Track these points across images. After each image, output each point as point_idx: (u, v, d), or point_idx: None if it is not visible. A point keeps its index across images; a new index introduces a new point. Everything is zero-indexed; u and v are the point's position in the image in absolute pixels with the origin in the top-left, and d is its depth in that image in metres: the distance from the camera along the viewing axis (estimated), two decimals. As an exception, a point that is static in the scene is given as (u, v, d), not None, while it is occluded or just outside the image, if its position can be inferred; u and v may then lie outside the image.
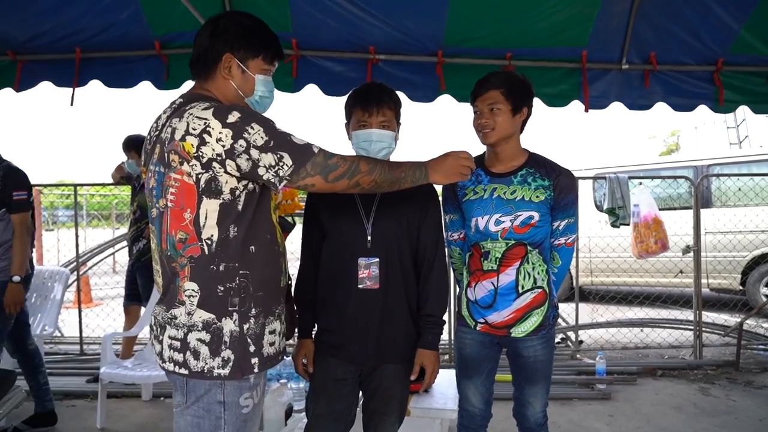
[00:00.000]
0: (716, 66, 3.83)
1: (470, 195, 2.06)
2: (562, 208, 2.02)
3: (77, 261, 5.68)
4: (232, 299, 1.46)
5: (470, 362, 2.11)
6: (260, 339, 1.50)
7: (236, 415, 1.50)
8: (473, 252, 2.08)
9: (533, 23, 3.55)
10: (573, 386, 4.13)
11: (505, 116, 1.98)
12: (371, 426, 2.00)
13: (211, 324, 1.45)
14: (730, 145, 12.67)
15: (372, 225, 1.90)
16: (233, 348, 1.46)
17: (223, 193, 1.43)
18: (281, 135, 1.43)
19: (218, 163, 1.39)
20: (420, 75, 3.79)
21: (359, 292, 1.88)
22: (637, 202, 5.00)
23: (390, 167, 1.55)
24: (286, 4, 3.44)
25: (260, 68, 1.57)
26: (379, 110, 1.90)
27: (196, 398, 1.48)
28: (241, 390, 1.50)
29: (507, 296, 2.00)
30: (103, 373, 3.37)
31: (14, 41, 3.64)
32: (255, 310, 1.49)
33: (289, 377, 3.01)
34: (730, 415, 3.60)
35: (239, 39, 1.53)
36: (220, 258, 1.44)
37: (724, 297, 7.00)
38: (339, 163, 1.47)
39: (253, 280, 1.48)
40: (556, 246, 2.06)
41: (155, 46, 3.66)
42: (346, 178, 1.47)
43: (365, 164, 1.50)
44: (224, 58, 1.52)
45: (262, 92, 1.59)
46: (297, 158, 1.43)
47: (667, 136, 24.57)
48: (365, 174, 1.50)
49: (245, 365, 1.48)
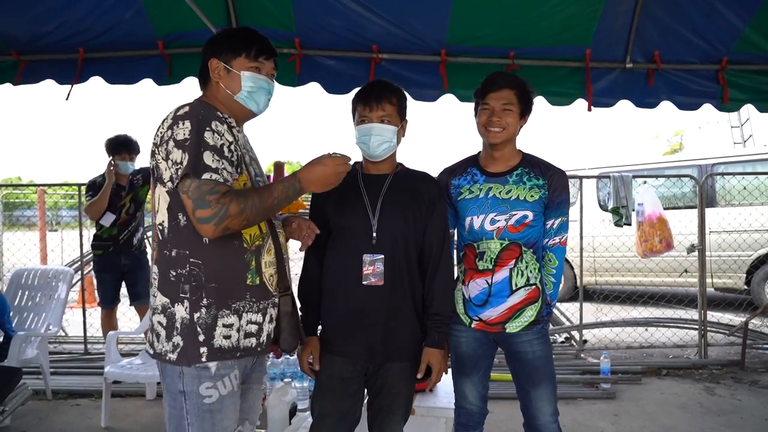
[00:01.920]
0: (720, 65, 3.81)
1: (465, 194, 2.05)
2: (556, 206, 2.02)
3: (81, 261, 5.69)
4: (183, 285, 1.52)
5: (467, 360, 2.10)
6: (211, 330, 1.52)
7: (198, 405, 1.53)
8: (466, 252, 2.07)
9: (537, 22, 3.54)
10: (577, 386, 4.11)
11: (515, 118, 1.98)
12: (376, 424, 1.99)
13: (167, 308, 1.53)
14: (734, 144, 12.61)
15: (378, 221, 1.90)
16: (183, 335, 1.51)
17: (165, 179, 1.52)
18: (200, 141, 1.46)
19: (157, 147, 1.52)
20: (423, 74, 3.79)
21: (363, 289, 1.88)
22: (641, 201, 4.98)
23: (261, 199, 1.52)
24: (289, 3, 3.45)
25: (245, 65, 1.64)
26: (378, 105, 1.90)
27: (165, 386, 1.57)
28: (200, 379, 1.52)
29: (501, 293, 2.00)
30: (108, 372, 3.38)
31: (18, 42, 3.66)
32: (207, 300, 1.52)
33: (293, 376, 3.00)
34: (736, 415, 3.59)
35: (221, 44, 1.67)
36: (172, 244, 1.53)
37: (729, 296, 6.98)
38: (211, 203, 1.44)
39: (206, 270, 1.52)
40: (550, 246, 2.04)
41: (158, 46, 3.67)
42: (212, 224, 1.44)
43: (235, 206, 1.46)
44: (211, 63, 1.65)
45: (249, 87, 1.64)
46: (189, 165, 1.45)
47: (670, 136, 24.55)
48: (234, 217, 1.47)
49: (192, 354, 1.51)
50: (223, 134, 1.53)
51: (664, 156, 12.34)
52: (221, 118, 1.57)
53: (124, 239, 4.12)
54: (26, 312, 4.04)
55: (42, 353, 3.81)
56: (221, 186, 1.46)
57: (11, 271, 4.57)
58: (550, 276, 2.05)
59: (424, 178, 2.03)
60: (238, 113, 1.67)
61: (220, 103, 1.65)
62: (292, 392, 2.72)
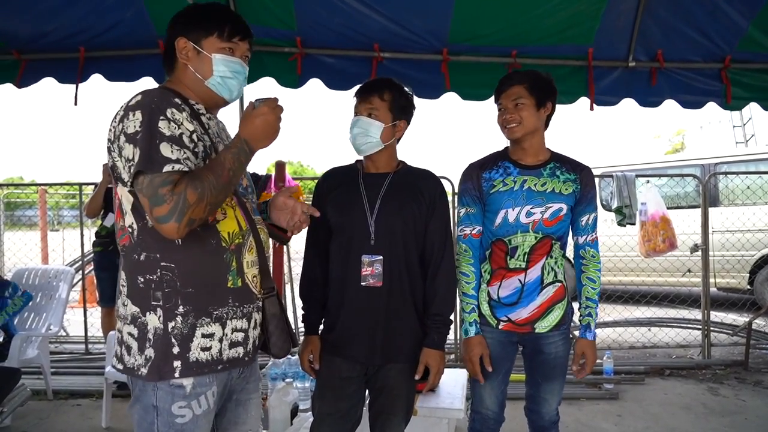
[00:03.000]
0: (724, 63, 3.80)
1: (499, 186, 2.02)
2: (588, 201, 2.04)
3: (82, 260, 5.69)
4: (155, 293, 1.36)
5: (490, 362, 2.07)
6: (188, 341, 1.37)
7: (169, 424, 1.38)
8: (494, 249, 2.04)
9: (539, 20, 3.53)
10: (580, 386, 4.10)
11: (529, 110, 1.98)
12: (377, 425, 1.97)
13: (137, 317, 1.38)
14: (737, 143, 12.58)
15: (375, 222, 1.87)
16: (155, 346, 1.36)
17: (124, 180, 1.35)
18: (152, 133, 1.29)
19: (111, 145, 1.36)
20: (425, 73, 3.77)
21: (362, 290, 1.86)
22: (644, 201, 4.96)
23: (216, 175, 1.33)
24: (290, 1, 3.43)
25: (216, 47, 1.47)
26: (367, 98, 1.89)
27: (136, 397, 1.42)
28: (174, 398, 1.37)
29: (532, 292, 2.00)
30: (109, 373, 3.37)
31: (19, 40, 3.64)
32: (183, 308, 1.37)
33: (295, 376, 2.99)
34: (740, 415, 3.57)
35: (189, 21, 1.48)
36: (142, 247, 1.38)
37: (733, 296, 6.95)
38: (166, 197, 1.26)
39: (181, 274, 1.37)
40: (590, 242, 2.05)
41: (159, 45, 3.65)
42: (173, 221, 1.27)
43: (192, 193, 1.28)
44: (178, 43, 1.47)
45: (222, 72, 1.47)
46: (141, 161, 1.28)
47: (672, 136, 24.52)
48: (195, 205, 1.28)
49: (164, 368, 1.36)
50: (181, 123, 1.35)
51: (666, 155, 12.31)
52: (179, 105, 1.38)
53: None
54: (27, 312, 4.03)
55: (43, 353, 3.80)
56: (173, 175, 1.28)
57: (12, 270, 4.56)
58: (597, 272, 2.03)
59: (426, 176, 2.00)
60: (208, 100, 1.51)
61: (187, 88, 1.48)
62: (293, 392, 2.71)
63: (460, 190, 2.12)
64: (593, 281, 2.04)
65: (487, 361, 2.02)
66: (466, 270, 2.05)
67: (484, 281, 2.08)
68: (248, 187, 1.62)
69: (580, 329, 2.04)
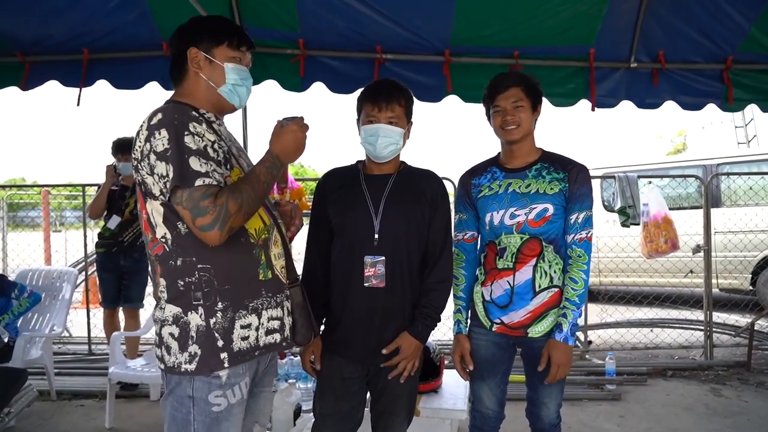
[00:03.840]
0: (725, 64, 3.81)
1: (485, 191, 2.05)
2: (578, 198, 1.97)
3: (86, 261, 5.71)
4: (195, 293, 1.47)
5: (485, 364, 2.08)
6: (229, 333, 1.48)
7: (206, 413, 1.48)
8: (487, 251, 2.06)
9: (541, 21, 3.54)
10: (583, 387, 4.10)
11: (527, 113, 1.99)
12: (380, 426, 1.99)
13: (179, 318, 1.47)
14: (738, 144, 12.55)
15: (380, 223, 1.88)
16: (200, 343, 1.46)
17: (155, 194, 1.45)
18: (181, 148, 1.39)
19: (140, 163, 1.45)
20: (427, 75, 3.79)
21: (365, 291, 1.87)
22: (646, 202, 4.95)
23: (253, 188, 1.46)
24: (293, 3, 3.45)
25: (227, 56, 1.57)
26: (387, 106, 1.89)
27: (170, 389, 1.51)
28: (210, 387, 1.48)
29: (524, 295, 1.98)
30: (112, 373, 3.38)
31: (22, 43, 3.67)
32: (222, 303, 1.47)
33: (298, 377, 3.00)
34: (742, 416, 3.56)
35: (199, 32, 1.57)
36: (177, 254, 1.47)
37: (735, 297, 6.94)
38: (209, 208, 1.38)
39: (217, 273, 1.48)
40: (577, 241, 1.96)
41: (163, 47, 3.68)
42: (216, 229, 1.39)
43: (233, 204, 1.40)
44: (190, 53, 1.56)
45: (234, 80, 1.57)
46: (176, 177, 1.39)
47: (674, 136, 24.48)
48: (235, 215, 1.41)
49: (213, 361, 1.46)
50: (203, 135, 1.45)
51: (667, 156, 12.30)
52: (197, 118, 1.49)
53: (129, 241, 4.12)
54: (31, 312, 4.05)
55: (46, 354, 3.81)
56: (213, 188, 1.40)
57: (16, 271, 4.57)
58: (581, 273, 1.95)
59: (427, 176, 2.02)
60: (218, 107, 1.60)
61: (197, 97, 1.57)
62: (296, 393, 2.72)
63: (455, 197, 2.18)
64: (575, 282, 1.95)
65: (468, 359, 2.06)
66: (457, 273, 2.11)
67: (479, 283, 2.10)
68: None
69: (553, 329, 1.97)
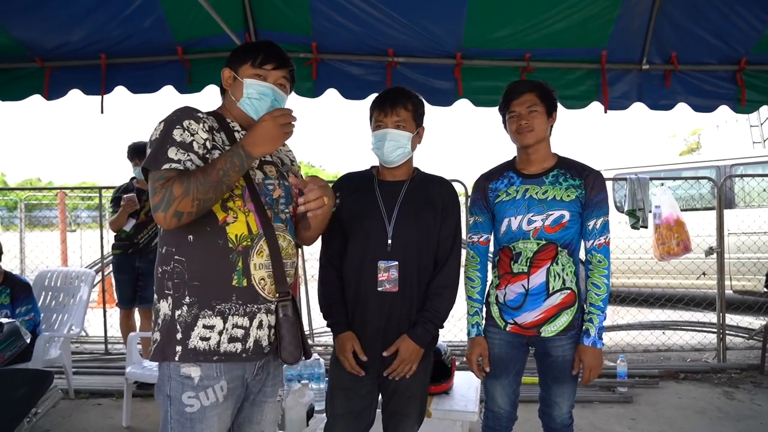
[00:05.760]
0: (739, 65, 3.78)
1: (503, 196, 2.08)
2: (595, 205, 2.02)
3: (102, 262, 5.79)
4: (167, 282, 1.54)
5: (498, 363, 2.12)
6: (190, 329, 1.51)
7: (180, 413, 1.52)
8: (501, 256, 2.10)
9: (552, 23, 3.54)
10: (594, 389, 4.09)
11: (542, 118, 2.02)
12: (391, 427, 2.02)
13: (154, 304, 1.58)
14: (754, 144, 12.40)
15: (393, 228, 1.92)
16: (162, 330, 1.54)
17: None
18: (166, 138, 1.50)
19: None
20: (438, 78, 3.81)
21: (378, 295, 1.90)
22: (658, 204, 4.93)
23: (204, 174, 1.45)
24: (306, 7, 3.48)
25: (250, 73, 1.66)
26: (393, 110, 1.93)
27: (157, 387, 1.59)
28: (183, 388, 1.51)
29: (537, 297, 2.02)
30: (129, 373, 3.44)
31: (42, 49, 3.74)
32: (189, 298, 1.52)
33: (310, 378, 3.03)
34: (755, 420, 3.54)
35: (235, 54, 1.72)
36: (163, 241, 1.59)
37: (748, 299, 6.87)
38: (157, 190, 1.44)
39: (189, 268, 1.53)
40: (597, 247, 2.02)
41: (178, 52, 3.73)
42: (161, 210, 1.44)
43: (178, 187, 1.42)
44: (223, 73, 1.71)
45: (249, 94, 1.65)
46: (150, 161, 1.49)
47: (687, 135, 24.23)
48: (181, 198, 1.42)
49: (167, 350, 1.51)
50: (195, 132, 1.52)
51: (680, 156, 12.19)
52: (199, 118, 1.55)
53: (144, 242, 4.19)
54: (50, 312, 4.13)
55: (65, 353, 3.89)
56: (170, 173, 1.46)
57: (35, 272, 4.66)
58: (603, 278, 2.01)
59: (439, 182, 2.05)
60: (242, 120, 1.69)
61: (228, 111, 1.70)
62: (309, 394, 2.75)
63: (471, 200, 2.21)
64: (598, 287, 2.01)
65: (485, 361, 2.10)
66: (473, 275, 2.14)
67: (493, 286, 2.14)
68: (280, 198, 1.68)
69: (581, 335, 2.04)
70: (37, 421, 2.20)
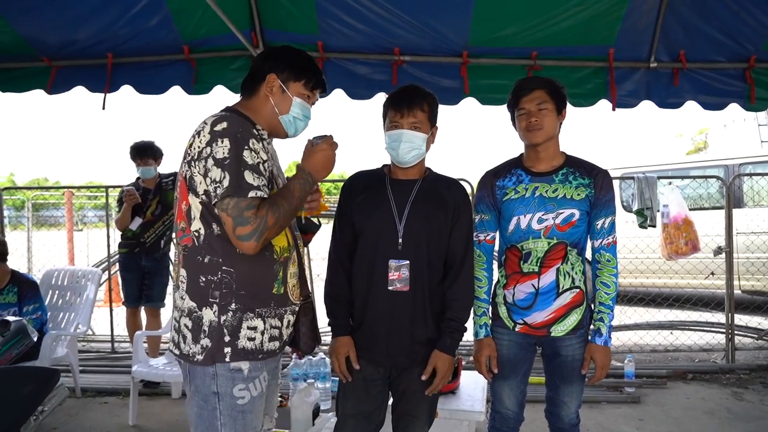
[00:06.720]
0: (749, 63, 3.75)
1: (511, 194, 2.06)
2: (604, 204, 2.02)
3: (108, 261, 5.81)
4: (213, 291, 1.57)
5: (506, 363, 2.10)
6: (236, 331, 1.58)
7: (231, 406, 1.58)
8: (508, 255, 2.07)
9: (559, 21, 3.53)
10: (601, 389, 4.07)
11: (552, 115, 2.00)
12: (400, 427, 2.01)
13: (192, 312, 1.59)
14: (762, 142, 12.29)
15: (404, 227, 1.90)
16: (210, 337, 1.57)
17: (199, 192, 1.55)
18: (239, 161, 1.50)
19: (194, 161, 1.55)
20: (445, 77, 3.80)
21: (389, 294, 1.89)
22: (666, 203, 4.89)
23: (288, 202, 1.57)
24: (312, 7, 3.48)
25: (299, 92, 1.71)
26: (410, 111, 1.90)
27: (195, 388, 1.61)
28: (234, 381, 1.58)
29: (548, 296, 2.00)
30: (135, 372, 3.45)
31: (49, 48, 3.76)
32: (235, 305, 1.58)
33: (316, 377, 3.03)
34: (765, 421, 3.51)
35: (285, 63, 1.71)
36: (206, 251, 1.58)
37: (758, 299, 6.81)
38: (250, 219, 1.49)
39: (238, 278, 1.58)
40: (606, 246, 2.02)
41: (184, 51, 3.74)
42: (253, 240, 1.49)
43: (272, 217, 1.51)
44: (269, 77, 1.69)
45: (296, 114, 1.70)
46: (231, 187, 1.49)
47: (695, 134, 24.04)
48: (273, 227, 1.52)
49: (217, 353, 1.56)
50: (258, 152, 1.56)
51: (688, 155, 12.11)
52: (257, 136, 1.60)
53: (150, 241, 4.20)
54: (56, 311, 4.15)
55: (72, 352, 3.91)
56: (257, 200, 1.51)
57: (41, 271, 4.68)
58: (612, 276, 2.01)
59: (451, 184, 2.03)
60: (274, 130, 1.72)
61: (259, 115, 1.69)
62: (315, 393, 2.75)
63: (476, 198, 2.16)
64: (607, 286, 2.01)
65: (494, 363, 2.08)
66: (479, 275, 2.10)
67: (500, 285, 2.12)
68: None
69: (591, 333, 2.04)
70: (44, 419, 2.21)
